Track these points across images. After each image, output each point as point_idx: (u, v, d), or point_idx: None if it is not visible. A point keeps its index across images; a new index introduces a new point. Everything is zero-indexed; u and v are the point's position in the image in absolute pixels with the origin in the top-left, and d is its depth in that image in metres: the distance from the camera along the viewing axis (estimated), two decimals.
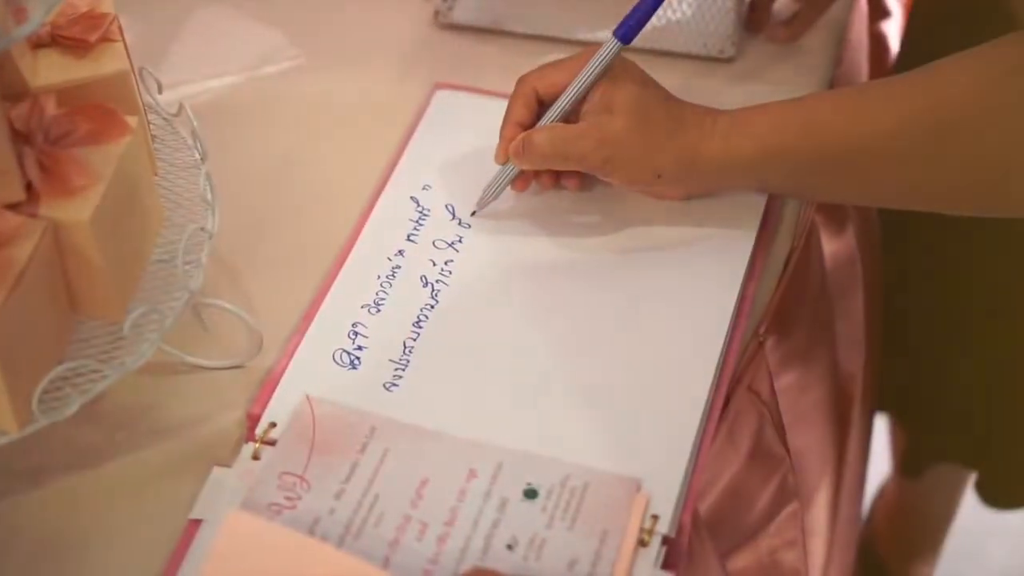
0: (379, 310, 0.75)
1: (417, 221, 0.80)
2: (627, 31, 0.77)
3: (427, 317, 0.75)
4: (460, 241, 0.79)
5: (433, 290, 0.76)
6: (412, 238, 0.79)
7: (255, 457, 0.68)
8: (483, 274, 0.77)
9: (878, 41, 1.08)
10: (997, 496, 1.24)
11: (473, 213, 0.81)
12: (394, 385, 0.71)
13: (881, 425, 1.27)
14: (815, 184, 0.78)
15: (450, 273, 0.77)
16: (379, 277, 0.77)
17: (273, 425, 0.69)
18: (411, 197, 0.82)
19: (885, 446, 1.35)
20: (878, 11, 1.09)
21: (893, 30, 1.11)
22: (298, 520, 0.64)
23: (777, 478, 0.79)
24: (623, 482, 0.66)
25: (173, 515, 0.67)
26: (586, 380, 0.71)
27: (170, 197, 0.74)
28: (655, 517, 0.65)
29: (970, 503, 1.29)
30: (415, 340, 0.73)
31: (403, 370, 0.72)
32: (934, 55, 0.72)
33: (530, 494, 0.66)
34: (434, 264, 0.78)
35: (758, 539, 0.80)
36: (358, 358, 0.72)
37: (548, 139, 0.76)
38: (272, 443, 0.68)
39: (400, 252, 0.78)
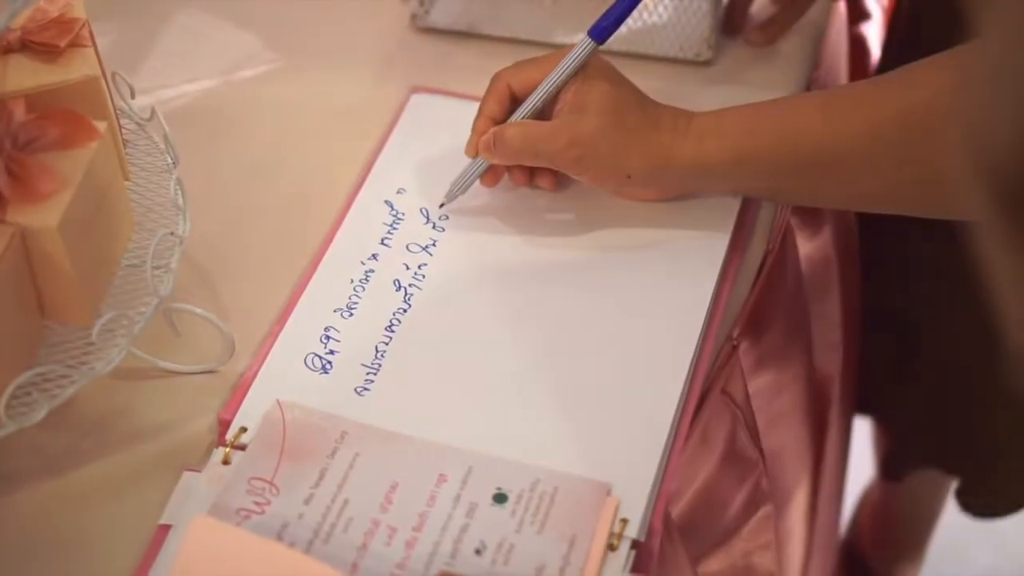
0: (352, 314, 0.75)
1: (391, 225, 0.80)
2: (601, 31, 0.77)
3: (400, 321, 0.75)
4: (434, 245, 0.79)
5: (406, 294, 0.76)
6: (386, 242, 0.79)
7: (225, 462, 0.68)
8: (456, 278, 0.77)
9: (858, 44, 1.08)
10: (977, 504, 1.24)
11: (441, 205, 0.81)
12: (365, 389, 0.71)
13: (864, 428, 1.27)
14: (789, 187, 0.78)
15: (423, 277, 0.77)
16: (352, 281, 0.77)
17: (244, 430, 0.69)
18: (385, 201, 0.82)
19: (869, 449, 1.35)
20: (858, 14, 1.09)
21: (874, 32, 1.11)
22: (267, 525, 0.64)
23: (751, 481, 0.79)
24: (593, 486, 0.66)
25: (144, 520, 0.67)
26: (557, 384, 0.71)
27: (141, 202, 0.74)
28: (624, 521, 0.65)
29: (954, 505, 1.29)
30: (387, 344, 0.73)
31: (375, 374, 0.72)
32: (914, 58, 0.72)
33: (499, 499, 0.66)
34: (407, 268, 0.78)
35: (731, 542, 0.80)
36: (330, 362, 0.72)
37: (519, 135, 0.76)
38: (242, 448, 0.68)
39: (374, 256, 0.78)
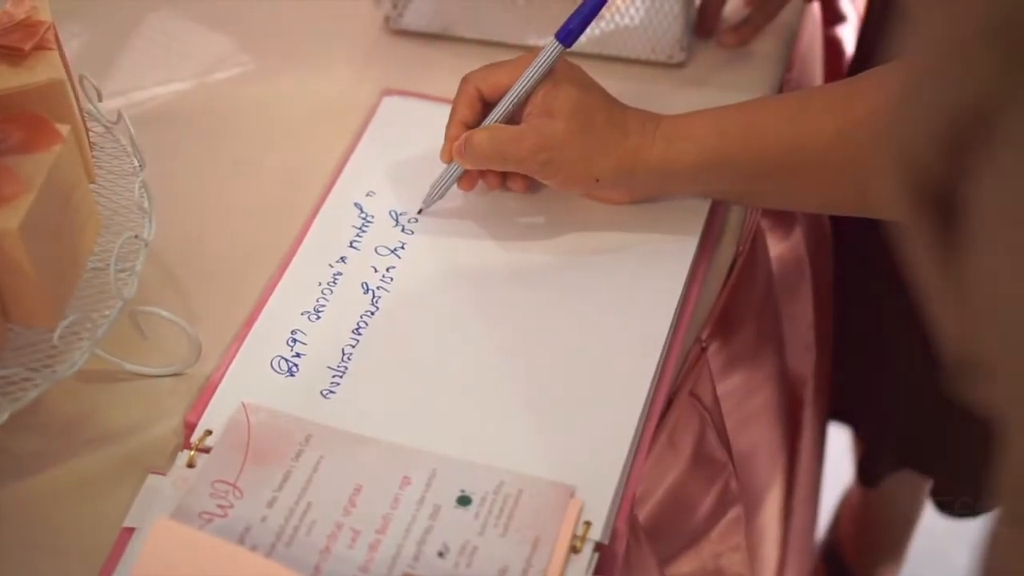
0: (319, 317, 0.75)
1: (360, 228, 0.80)
2: (568, 34, 0.77)
3: (367, 324, 0.75)
4: (402, 248, 0.79)
5: (374, 297, 0.76)
6: (355, 245, 0.79)
7: (190, 465, 0.68)
8: (424, 281, 0.77)
9: (832, 46, 1.09)
10: (953, 505, 1.24)
11: (420, 211, 0.81)
12: (331, 392, 0.71)
13: (842, 430, 1.27)
14: (758, 190, 0.78)
15: (391, 280, 0.77)
16: (320, 284, 0.77)
17: (209, 433, 0.69)
18: (355, 203, 0.82)
19: (848, 451, 1.35)
20: (833, 15, 1.09)
21: (849, 35, 1.11)
22: (229, 528, 0.64)
23: (719, 483, 0.80)
24: (557, 489, 0.66)
25: (110, 523, 0.67)
26: (523, 386, 0.71)
27: (108, 205, 0.74)
28: (588, 524, 0.65)
29: (932, 507, 1.29)
30: (354, 347, 0.73)
31: (341, 377, 0.72)
32: (885, 61, 0.72)
33: (463, 501, 0.66)
34: (376, 271, 0.78)
35: (701, 544, 0.80)
36: (296, 365, 0.72)
37: (487, 139, 0.77)
38: (207, 451, 0.68)
39: (342, 259, 0.78)
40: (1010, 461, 0.30)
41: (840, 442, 1.29)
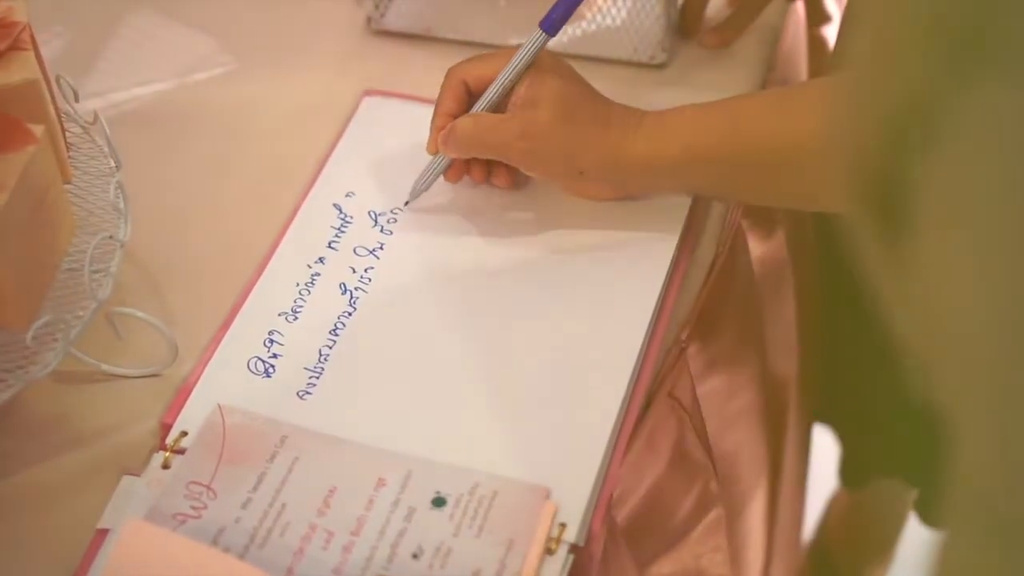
0: (296, 318, 0.75)
1: (339, 228, 0.80)
2: (552, 23, 0.77)
3: (344, 325, 0.74)
4: (381, 248, 0.79)
5: (352, 298, 0.76)
6: (333, 245, 0.79)
7: (165, 466, 0.68)
8: (402, 281, 0.77)
9: (818, 45, 1.08)
10: (937, 517, 1.23)
11: (406, 203, 0.81)
12: (307, 393, 0.71)
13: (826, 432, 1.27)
14: (740, 186, 0.78)
15: (370, 280, 0.77)
16: (298, 285, 0.77)
17: (184, 434, 0.69)
18: (334, 204, 0.82)
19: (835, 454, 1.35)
20: (819, 15, 1.09)
21: (834, 34, 1.11)
22: (203, 529, 0.64)
23: (699, 484, 0.79)
24: (532, 490, 0.66)
25: (85, 524, 0.67)
26: (499, 387, 0.71)
27: (83, 206, 0.73)
28: (563, 525, 0.65)
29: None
30: (331, 348, 0.73)
31: (317, 378, 0.72)
32: None
33: (438, 503, 0.66)
34: (354, 271, 0.77)
35: (681, 546, 0.80)
36: (272, 366, 0.72)
37: (471, 126, 0.77)
38: (183, 452, 0.68)
39: (320, 259, 0.78)
40: (957, 466, 0.30)
41: (827, 443, 1.29)
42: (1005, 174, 0.26)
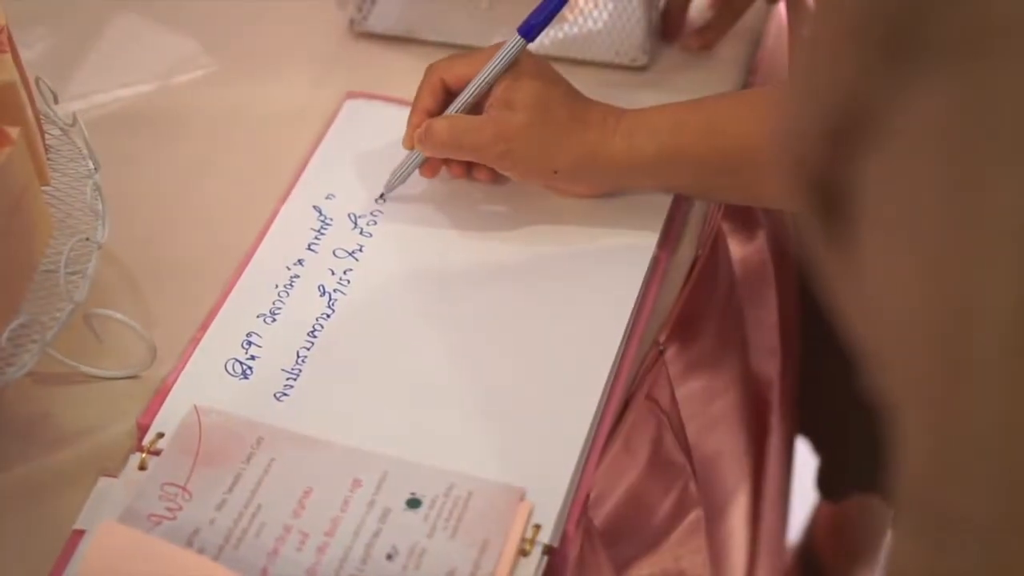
0: (275, 320, 0.75)
1: (319, 230, 0.80)
2: (530, 28, 0.78)
3: (322, 327, 0.75)
4: (360, 250, 0.79)
5: (330, 300, 0.76)
6: (312, 247, 0.79)
7: (141, 467, 0.68)
8: (381, 283, 0.77)
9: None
10: None
11: (381, 196, 0.82)
12: (284, 395, 0.71)
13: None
14: (719, 185, 0.79)
15: (348, 282, 0.77)
16: (277, 287, 0.77)
17: (161, 435, 0.69)
18: (314, 206, 0.82)
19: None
20: (800, 17, 1.09)
21: None
22: (177, 530, 0.64)
23: (678, 486, 0.79)
24: (507, 491, 0.66)
25: (62, 525, 0.67)
26: (476, 388, 0.71)
27: (61, 207, 0.74)
28: (538, 526, 0.65)
29: None
30: (309, 349, 0.73)
31: (295, 379, 0.72)
32: None
33: (413, 503, 0.66)
34: (333, 273, 0.78)
35: (661, 547, 0.80)
36: (250, 368, 0.72)
37: (447, 128, 0.77)
38: (159, 453, 0.68)
39: (299, 261, 0.78)
40: (904, 466, 0.31)
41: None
42: (942, 172, 0.26)
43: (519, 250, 0.79)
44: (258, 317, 0.75)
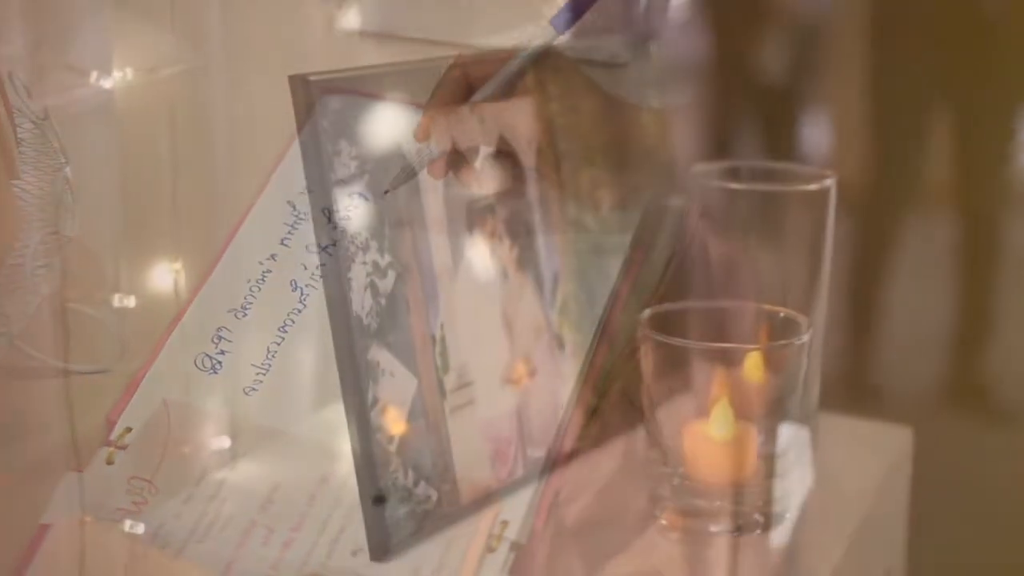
0: (246, 314, 0.75)
1: (292, 225, 0.80)
2: (563, 20, 0.77)
3: (293, 322, 0.74)
4: (334, 245, 0.79)
5: (302, 294, 0.76)
6: (286, 242, 0.79)
7: (109, 462, 0.68)
8: None
9: None
10: None
11: (386, 192, 0.81)
12: (254, 389, 0.71)
13: None
14: None
15: (321, 277, 0.77)
16: (249, 281, 0.76)
17: (129, 430, 0.69)
18: (288, 201, 0.81)
19: None
20: None
21: None
22: (143, 524, 0.64)
23: (653, 484, 0.79)
24: (474, 487, 0.66)
25: (30, 519, 0.67)
26: (444, 381, 0.71)
27: (32, 201, 0.73)
28: (505, 523, 0.65)
29: None
30: (279, 344, 0.73)
31: (264, 374, 0.71)
32: None
33: (380, 500, 0.66)
34: (305, 268, 0.77)
35: (635, 545, 0.80)
36: (220, 362, 0.72)
37: (473, 114, 0.76)
38: (126, 448, 0.68)
39: (272, 256, 0.78)
40: None
41: None
42: None
43: (490, 243, 0.79)
44: (229, 312, 0.75)
